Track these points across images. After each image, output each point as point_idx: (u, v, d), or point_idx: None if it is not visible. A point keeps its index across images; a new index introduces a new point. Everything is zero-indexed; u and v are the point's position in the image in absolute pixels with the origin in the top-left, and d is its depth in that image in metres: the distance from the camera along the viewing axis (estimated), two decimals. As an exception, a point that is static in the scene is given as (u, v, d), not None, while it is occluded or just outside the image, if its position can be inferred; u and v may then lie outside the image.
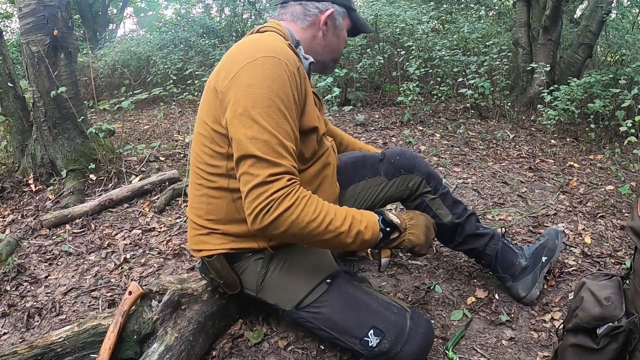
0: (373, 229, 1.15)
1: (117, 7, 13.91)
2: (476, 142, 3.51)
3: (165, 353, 1.26)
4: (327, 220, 1.08)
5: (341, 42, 1.38)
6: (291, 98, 1.10)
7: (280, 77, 1.08)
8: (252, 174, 1.05)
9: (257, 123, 1.05)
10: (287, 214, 1.04)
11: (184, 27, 7.26)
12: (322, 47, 1.35)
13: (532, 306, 1.58)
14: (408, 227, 1.23)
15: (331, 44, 1.36)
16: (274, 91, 1.07)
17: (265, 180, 1.03)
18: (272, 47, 1.12)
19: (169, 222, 2.37)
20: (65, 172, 2.87)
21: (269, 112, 1.06)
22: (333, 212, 1.10)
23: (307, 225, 1.06)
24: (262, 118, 1.06)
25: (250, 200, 1.05)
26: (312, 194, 1.11)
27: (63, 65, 2.85)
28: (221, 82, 1.13)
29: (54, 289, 1.87)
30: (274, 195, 1.03)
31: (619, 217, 2.25)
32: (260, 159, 1.04)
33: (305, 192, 1.09)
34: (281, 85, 1.08)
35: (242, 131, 1.06)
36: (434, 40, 4.81)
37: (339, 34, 1.36)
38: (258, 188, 1.04)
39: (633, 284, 1.05)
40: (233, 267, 1.31)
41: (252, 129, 1.05)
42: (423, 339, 1.20)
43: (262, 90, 1.07)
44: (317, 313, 1.24)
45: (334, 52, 1.38)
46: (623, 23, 6.43)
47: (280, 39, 1.20)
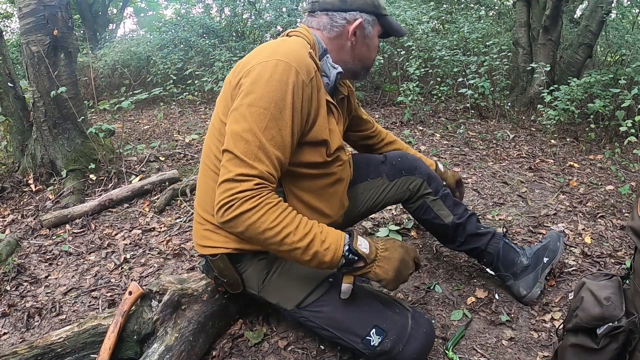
0: (334, 253, 1.09)
1: (117, 7, 13.91)
2: (476, 142, 3.51)
3: (166, 353, 1.26)
4: (284, 233, 1.06)
5: (372, 51, 1.35)
6: (291, 106, 1.09)
7: (285, 83, 1.08)
8: (226, 168, 1.07)
9: (246, 121, 1.07)
10: (245, 216, 1.04)
11: (184, 27, 7.25)
12: (351, 57, 1.32)
13: (532, 306, 1.58)
14: (378, 258, 1.14)
15: (362, 54, 1.33)
16: (274, 95, 1.07)
17: (234, 177, 1.05)
18: (289, 53, 1.12)
19: (169, 222, 2.37)
20: (65, 172, 2.87)
21: (261, 114, 1.07)
22: (294, 226, 1.07)
23: (263, 233, 1.05)
24: (252, 118, 1.07)
25: (218, 193, 1.07)
26: (282, 202, 1.09)
27: (63, 65, 2.85)
28: (235, 76, 1.16)
29: (54, 289, 1.87)
30: (237, 194, 1.04)
31: (619, 217, 2.25)
32: (236, 157, 1.06)
33: (272, 200, 1.06)
34: (284, 91, 1.08)
35: (232, 125, 1.09)
36: (434, 40, 4.81)
37: (369, 43, 1.33)
38: (226, 183, 1.06)
39: (633, 284, 1.05)
40: (236, 267, 1.31)
41: (240, 125, 1.07)
42: (424, 338, 1.20)
43: (262, 91, 1.07)
44: (318, 312, 1.23)
45: (365, 60, 1.35)
46: (623, 23, 6.43)
47: (303, 45, 1.20)
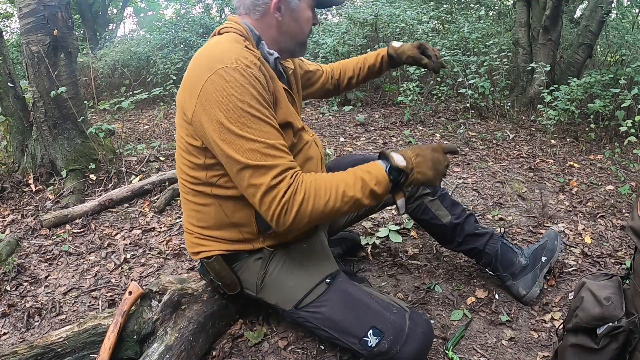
0: (384, 183, 1.14)
1: (117, 7, 13.91)
2: (476, 142, 3.51)
3: (165, 353, 1.26)
4: (340, 194, 1.10)
5: (303, 24, 1.27)
6: (260, 99, 1.09)
7: (242, 85, 1.07)
8: (255, 185, 1.07)
9: (238, 136, 1.06)
10: (302, 209, 1.07)
11: (184, 27, 7.26)
12: (282, 35, 1.26)
13: (532, 306, 1.58)
14: (415, 165, 1.18)
15: (291, 30, 1.26)
16: (242, 100, 1.06)
17: (270, 185, 1.05)
18: (227, 56, 1.10)
19: (169, 222, 2.37)
20: (65, 172, 2.87)
21: (245, 122, 1.06)
22: (343, 183, 1.11)
23: (325, 207, 1.08)
24: (240, 130, 1.06)
25: (265, 210, 1.08)
26: (316, 174, 1.13)
27: (63, 65, 2.85)
28: (188, 102, 1.12)
29: (54, 289, 1.87)
30: (283, 197, 1.05)
31: (619, 217, 2.25)
32: (256, 167, 1.06)
33: (309, 178, 1.10)
34: (246, 92, 1.07)
35: (229, 148, 1.07)
36: (434, 40, 4.81)
37: (298, 16, 1.25)
38: (267, 196, 1.06)
39: (633, 284, 1.05)
40: (232, 268, 1.31)
41: (236, 142, 1.06)
42: (422, 339, 1.20)
43: (230, 103, 1.06)
44: (316, 313, 1.24)
45: (297, 36, 1.28)
46: (623, 23, 6.43)
47: (237, 40, 1.17)
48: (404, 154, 1.19)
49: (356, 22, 5.21)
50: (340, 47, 4.59)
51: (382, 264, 1.84)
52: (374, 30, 5.00)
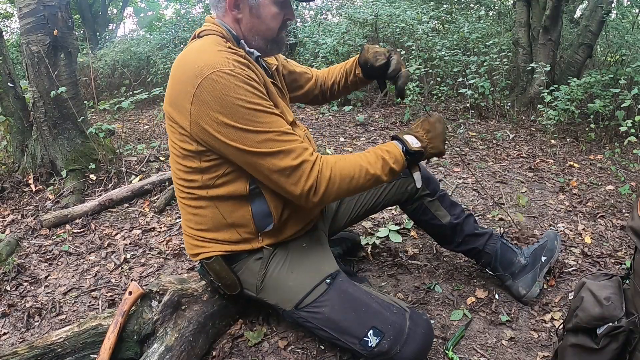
0: (401, 162, 1.24)
1: (117, 7, 13.91)
2: (476, 142, 3.51)
3: (166, 353, 1.26)
4: (364, 172, 1.17)
5: (266, 21, 1.20)
6: (258, 93, 1.11)
7: (237, 85, 1.07)
8: (279, 169, 1.11)
9: (249, 132, 1.08)
10: (331, 182, 1.13)
11: (184, 27, 7.25)
12: (248, 32, 1.23)
13: (532, 306, 1.58)
14: (428, 143, 1.28)
15: (255, 27, 1.21)
16: (241, 99, 1.07)
17: (293, 166, 1.10)
18: (212, 60, 1.08)
19: (169, 222, 2.36)
20: (65, 172, 2.87)
21: (251, 118, 1.08)
22: (366, 162, 1.19)
23: (350, 184, 1.16)
24: (248, 126, 1.08)
25: (292, 189, 1.13)
26: (335, 155, 1.20)
27: (63, 65, 2.85)
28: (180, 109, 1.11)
29: (54, 289, 1.87)
30: (311, 175, 1.11)
31: (619, 217, 2.25)
32: (274, 154, 1.10)
33: (332, 158, 1.17)
34: (243, 90, 1.07)
35: (243, 145, 1.09)
36: (434, 40, 4.81)
37: (259, 12, 1.19)
38: (292, 176, 1.11)
39: (633, 284, 1.05)
40: (232, 268, 1.31)
41: (249, 138, 1.08)
42: (422, 339, 1.20)
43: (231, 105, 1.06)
44: (316, 313, 1.23)
45: (262, 33, 1.22)
46: (623, 23, 6.43)
47: (218, 42, 1.16)
48: (416, 134, 1.28)
49: (356, 22, 5.21)
50: (340, 47, 4.59)
51: (382, 264, 1.84)
52: (374, 30, 5.00)
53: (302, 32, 5.84)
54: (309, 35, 5.37)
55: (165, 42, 6.90)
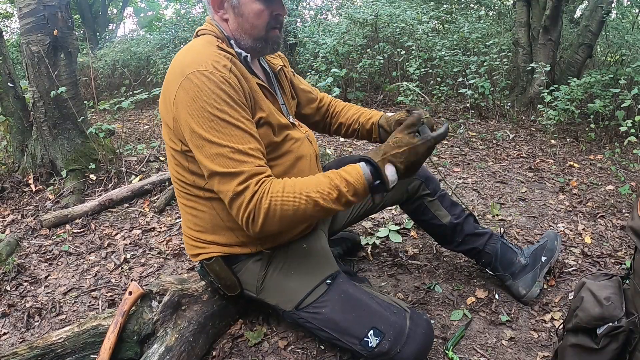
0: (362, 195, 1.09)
1: (117, 7, 13.90)
2: (476, 142, 3.51)
3: (166, 354, 1.26)
4: (311, 203, 1.06)
5: (251, 19, 1.18)
6: (231, 102, 1.08)
7: (210, 89, 1.07)
8: (223, 191, 1.08)
9: (206, 140, 1.07)
10: (270, 215, 1.06)
11: (184, 27, 7.25)
12: (236, 32, 1.21)
13: (532, 306, 1.58)
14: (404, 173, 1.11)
15: (240, 25, 1.20)
16: (209, 104, 1.06)
17: (235, 192, 1.06)
18: (198, 60, 1.10)
19: (169, 222, 2.36)
20: (65, 172, 2.87)
21: (213, 126, 1.06)
22: (316, 191, 1.06)
23: (295, 213, 1.06)
24: (208, 134, 1.06)
25: (234, 214, 1.10)
26: (285, 179, 1.10)
27: (63, 65, 2.85)
28: (168, 108, 1.14)
29: (54, 289, 1.87)
30: (250, 205, 1.05)
31: (619, 217, 2.25)
32: (222, 175, 1.07)
33: (277, 184, 1.07)
34: (215, 95, 1.07)
35: (199, 152, 1.08)
36: (434, 40, 4.80)
37: (242, 10, 1.18)
38: (234, 202, 1.07)
39: (633, 284, 1.05)
40: (232, 269, 1.31)
41: (205, 147, 1.07)
42: (422, 339, 1.20)
43: (200, 108, 1.07)
44: (317, 313, 1.23)
45: (248, 32, 1.20)
46: (623, 23, 6.43)
47: (210, 42, 1.17)
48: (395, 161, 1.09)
49: (356, 22, 5.20)
50: (340, 47, 4.58)
51: (382, 264, 1.84)
52: (374, 30, 4.99)
53: (302, 32, 5.83)
54: (309, 35, 5.36)
55: (165, 42, 6.89)
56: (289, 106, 1.43)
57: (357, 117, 1.53)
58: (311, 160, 1.35)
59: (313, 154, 1.37)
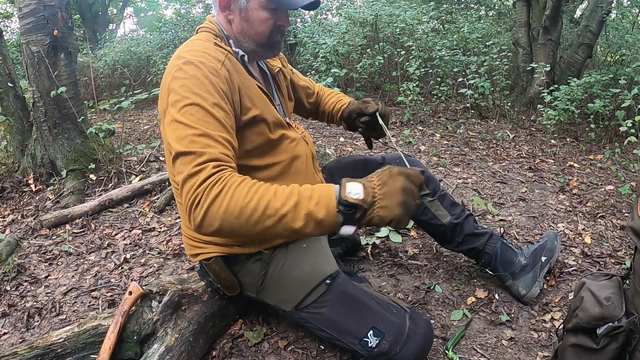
0: (327, 207, 0.95)
1: (117, 7, 13.91)
2: (476, 142, 3.51)
3: (166, 354, 1.26)
4: (263, 203, 0.94)
5: (255, 25, 1.20)
6: (212, 90, 1.07)
7: (196, 77, 1.07)
8: (181, 170, 0.99)
9: (180, 123, 1.03)
10: (216, 205, 0.94)
11: (184, 27, 7.25)
12: (239, 34, 1.23)
13: (532, 306, 1.58)
14: (377, 199, 0.96)
15: (244, 30, 1.22)
16: (192, 90, 1.05)
17: (190, 172, 0.97)
18: (191, 50, 1.12)
19: (169, 222, 2.36)
20: (65, 172, 2.87)
21: (188, 110, 1.03)
22: (272, 192, 0.96)
23: (241, 213, 0.93)
24: (183, 117, 1.03)
25: (183, 199, 0.98)
26: (250, 179, 0.99)
27: (63, 65, 2.85)
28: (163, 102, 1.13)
29: (54, 289, 1.87)
30: (199, 187, 0.95)
31: (619, 217, 2.25)
32: (184, 154, 0.99)
33: (237, 178, 0.98)
34: (199, 83, 1.06)
35: (170, 135, 1.04)
36: (434, 40, 4.81)
37: (249, 16, 1.19)
38: (185, 184, 0.97)
39: (633, 284, 1.05)
40: (231, 269, 1.31)
41: (177, 129, 1.03)
42: (422, 339, 1.20)
43: (180, 92, 1.06)
44: (316, 314, 1.23)
45: (251, 36, 1.22)
46: (623, 23, 6.43)
47: (208, 38, 1.20)
48: (365, 184, 0.97)
49: (356, 22, 5.21)
50: (340, 47, 4.59)
51: (382, 264, 1.84)
52: (374, 30, 4.99)
53: (302, 32, 5.83)
54: (309, 35, 5.36)
55: (165, 42, 6.89)
56: (286, 107, 1.44)
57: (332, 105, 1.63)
58: (307, 160, 1.35)
59: (309, 154, 1.38)
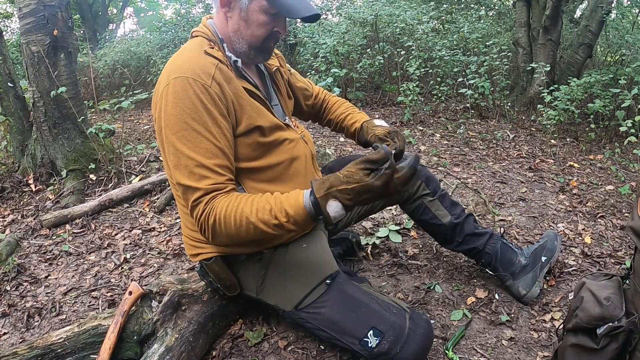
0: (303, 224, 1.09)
1: (117, 7, 13.91)
2: (476, 142, 3.51)
3: (166, 354, 1.26)
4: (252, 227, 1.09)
5: (253, 28, 1.19)
6: (207, 112, 1.10)
7: (188, 97, 1.09)
8: (184, 202, 1.15)
9: (176, 149, 1.10)
10: (217, 231, 1.11)
11: (184, 27, 7.25)
12: (234, 34, 1.22)
13: (532, 306, 1.58)
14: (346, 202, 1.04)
15: (241, 30, 1.21)
16: (185, 112, 1.09)
17: (191, 206, 1.12)
18: (181, 65, 1.13)
19: (169, 222, 2.36)
20: (65, 172, 2.87)
21: (184, 135, 1.09)
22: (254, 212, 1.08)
23: (238, 233, 1.10)
24: (178, 142, 1.10)
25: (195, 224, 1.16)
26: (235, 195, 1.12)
27: (63, 65, 2.85)
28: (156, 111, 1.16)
29: (54, 289, 1.87)
30: (200, 218, 1.11)
31: (619, 217, 2.25)
32: (184, 187, 1.12)
33: (223, 203, 1.10)
34: (190, 104, 1.09)
35: (169, 158, 1.13)
36: (434, 40, 4.81)
37: (248, 17, 1.19)
38: (192, 213, 1.13)
39: (633, 284, 1.05)
40: (231, 269, 1.31)
41: (174, 155, 1.11)
42: (422, 339, 1.20)
43: (173, 114, 1.10)
44: (316, 314, 1.23)
45: (246, 38, 1.21)
46: (623, 23, 6.43)
47: (199, 45, 1.20)
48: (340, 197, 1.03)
49: (356, 22, 5.20)
50: (340, 47, 4.59)
51: (382, 264, 1.84)
52: (374, 30, 5.00)
53: (302, 32, 5.84)
54: (309, 35, 5.36)
55: (165, 42, 6.89)
56: (285, 106, 1.43)
57: (343, 117, 1.60)
58: (307, 160, 1.35)
59: (309, 154, 1.37)
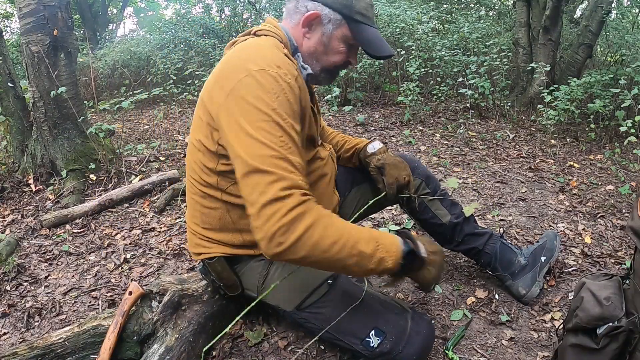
0: (395, 257, 1.03)
1: (117, 7, 13.91)
2: (476, 142, 3.51)
3: (166, 354, 1.26)
4: (351, 242, 0.96)
5: (330, 54, 1.20)
6: (289, 111, 1.03)
7: (274, 91, 1.01)
8: (260, 189, 0.93)
9: (254, 139, 0.97)
10: (307, 236, 0.92)
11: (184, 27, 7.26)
12: (308, 53, 1.21)
13: (532, 306, 1.58)
14: (428, 261, 1.12)
15: (318, 52, 1.20)
16: (270, 106, 1.00)
17: (277, 195, 0.92)
18: (266, 58, 1.06)
19: (169, 222, 2.36)
20: (65, 172, 2.87)
21: (264, 127, 0.98)
22: (357, 233, 0.99)
23: (330, 248, 0.94)
24: (259, 133, 0.97)
25: (262, 222, 0.92)
26: (331, 213, 1.01)
27: (63, 65, 2.85)
28: (215, 98, 1.06)
29: (54, 289, 1.87)
30: (290, 213, 0.91)
31: (619, 217, 2.25)
32: (266, 172, 0.94)
33: (324, 211, 0.98)
34: (276, 98, 1.01)
35: (242, 150, 0.98)
36: (434, 40, 4.81)
37: (328, 42, 1.19)
38: (269, 207, 0.92)
39: (633, 284, 1.05)
40: (234, 269, 1.31)
41: (252, 146, 0.97)
42: (424, 339, 1.20)
43: (257, 106, 0.99)
44: (318, 314, 1.23)
45: (322, 61, 1.22)
46: (623, 23, 6.43)
47: (277, 46, 1.14)
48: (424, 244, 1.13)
49: (356, 22, 5.20)
50: (340, 47, 4.59)
51: (382, 264, 1.84)
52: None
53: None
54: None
55: (165, 42, 6.89)
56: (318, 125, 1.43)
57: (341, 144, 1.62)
58: (331, 179, 1.35)
59: (333, 173, 1.38)
